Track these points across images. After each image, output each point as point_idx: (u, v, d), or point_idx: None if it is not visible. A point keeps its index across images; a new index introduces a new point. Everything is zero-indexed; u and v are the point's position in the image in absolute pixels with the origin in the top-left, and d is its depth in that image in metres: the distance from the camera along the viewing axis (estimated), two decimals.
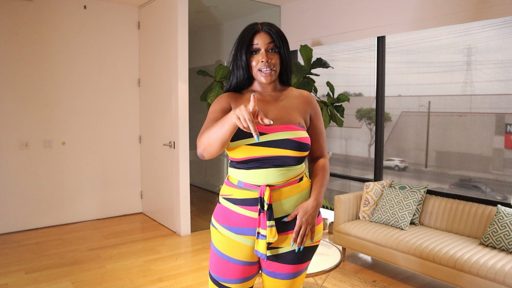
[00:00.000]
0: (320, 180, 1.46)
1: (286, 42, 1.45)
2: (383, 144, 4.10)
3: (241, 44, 1.42)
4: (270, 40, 1.40)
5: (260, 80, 1.43)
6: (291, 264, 1.41)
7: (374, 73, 4.09)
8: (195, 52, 6.39)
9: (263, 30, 1.42)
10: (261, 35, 1.41)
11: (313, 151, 1.53)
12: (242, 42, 1.42)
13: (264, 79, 1.41)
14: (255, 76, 1.44)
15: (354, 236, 3.42)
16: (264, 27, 1.42)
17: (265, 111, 1.42)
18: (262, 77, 1.41)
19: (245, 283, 1.44)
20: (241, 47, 1.42)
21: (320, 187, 1.44)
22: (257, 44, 1.40)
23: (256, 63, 1.41)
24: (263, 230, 1.34)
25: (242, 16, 5.46)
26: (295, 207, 1.39)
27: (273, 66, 1.40)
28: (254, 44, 1.40)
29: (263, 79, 1.41)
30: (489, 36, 3.56)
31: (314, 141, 1.52)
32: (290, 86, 1.55)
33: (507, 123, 3.52)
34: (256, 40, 1.40)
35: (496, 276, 2.50)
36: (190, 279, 3.22)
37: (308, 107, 1.50)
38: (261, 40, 1.40)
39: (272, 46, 1.41)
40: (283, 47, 1.42)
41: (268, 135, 1.36)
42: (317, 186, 1.44)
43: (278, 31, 1.43)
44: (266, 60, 1.39)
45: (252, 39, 1.41)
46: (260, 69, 1.41)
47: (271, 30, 1.41)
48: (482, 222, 3.07)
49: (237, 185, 1.41)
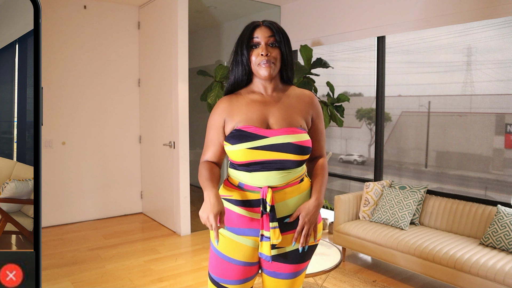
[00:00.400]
0: (321, 180, 1.46)
1: (287, 38, 1.43)
2: (383, 144, 4.10)
3: (242, 39, 1.42)
4: (270, 34, 1.39)
5: (259, 73, 1.40)
6: (292, 263, 1.41)
7: (374, 73, 4.09)
8: (195, 52, 6.39)
9: (263, 25, 1.41)
10: (261, 29, 1.40)
11: (313, 151, 1.52)
12: (242, 37, 1.42)
13: (264, 70, 1.38)
14: (255, 72, 1.42)
15: (354, 236, 3.42)
16: (265, 22, 1.42)
17: (266, 113, 1.40)
18: (261, 69, 1.38)
19: (245, 284, 1.44)
20: (241, 42, 1.41)
21: (320, 187, 1.44)
22: (257, 38, 1.39)
23: (256, 57, 1.39)
24: (267, 232, 1.33)
25: (242, 16, 5.46)
26: (297, 208, 1.39)
27: (273, 60, 1.38)
28: (254, 37, 1.39)
29: (263, 71, 1.38)
30: (489, 36, 3.56)
31: (315, 142, 1.50)
32: (292, 85, 1.52)
33: (507, 123, 3.51)
34: (256, 33, 1.39)
35: (496, 276, 2.50)
36: (190, 279, 3.22)
37: (310, 108, 1.47)
38: (261, 34, 1.39)
39: (272, 40, 1.39)
40: (283, 42, 1.41)
41: (269, 138, 1.35)
42: (318, 186, 1.44)
43: (279, 27, 1.42)
44: (266, 53, 1.37)
45: (252, 33, 1.40)
46: (259, 63, 1.39)
47: (271, 25, 1.40)
48: (482, 222, 3.07)
49: (237, 186, 1.41)
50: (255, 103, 1.42)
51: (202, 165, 1.46)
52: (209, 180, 1.39)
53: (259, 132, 1.36)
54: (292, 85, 1.52)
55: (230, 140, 1.37)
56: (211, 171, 1.43)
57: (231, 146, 1.36)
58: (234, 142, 1.36)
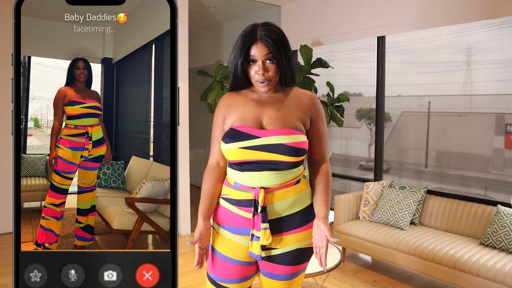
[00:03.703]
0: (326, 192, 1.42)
1: (284, 47, 1.38)
2: (383, 144, 4.10)
3: (239, 53, 1.39)
4: (267, 52, 1.36)
5: (258, 89, 1.42)
6: (287, 265, 1.41)
7: (374, 73, 4.09)
8: (195, 52, 6.39)
9: (260, 41, 1.36)
10: (258, 46, 1.36)
11: (313, 154, 1.49)
12: (239, 51, 1.39)
13: (262, 89, 1.40)
14: (253, 84, 1.43)
15: (354, 236, 3.42)
16: (262, 36, 1.36)
17: (261, 113, 1.40)
18: (259, 87, 1.40)
19: (242, 283, 1.43)
20: (239, 56, 1.39)
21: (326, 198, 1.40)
22: (254, 56, 1.37)
23: (253, 73, 1.38)
24: (257, 232, 1.33)
25: (242, 16, 5.46)
26: (292, 209, 1.38)
27: (270, 78, 1.38)
28: (251, 55, 1.37)
29: (261, 89, 1.40)
30: (489, 36, 3.56)
31: (314, 144, 1.47)
32: (295, 86, 1.50)
33: (507, 123, 3.52)
34: (253, 51, 1.37)
35: (496, 276, 2.50)
36: (190, 279, 3.22)
37: (308, 109, 1.44)
38: (257, 52, 1.36)
39: (269, 56, 1.36)
40: (281, 57, 1.37)
41: (261, 138, 1.34)
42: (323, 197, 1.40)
43: (275, 40, 1.36)
44: (263, 73, 1.36)
45: (249, 49, 1.37)
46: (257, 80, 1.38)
47: (267, 41, 1.35)
48: (482, 222, 3.07)
49: (233, 186, 1.41)
50: (251, 102, 1.43)
51: (206, 173, 1.46)
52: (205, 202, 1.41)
53: (252, 132, 1.36)
54: (295, 86, 1.50)
55: (224, 139, 1.38)
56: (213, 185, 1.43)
57: (225, 145, 1.37)
58: (228, 141, 1.36)
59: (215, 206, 1.44)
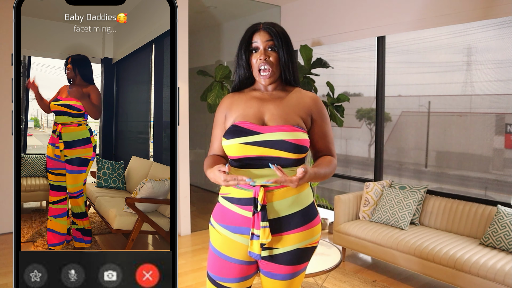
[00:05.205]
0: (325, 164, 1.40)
1: (286, 41, 1.43)
2: (383, 144, 4.10)
3: (241, 43, 1.45)
4: (268, 38, 1.41)
5: (259, 81, 1.45)
6: (287, 265, 1.41)
7: (374, 73, 4.09)
8: (195, 52, 6.39)
9: (262, 29, 1.43)
10: (260, 33, 1.43)
11: (319, 151, 1.49)
12: (242, 41, 1.45)
13: (263, 81, 1.43)
14: (255, 77, 1.45)
15: (354, 236, 3.42)
16: (264, 26, 1.43)
17: (263, 110, 1.42)
18: (261, 78, 1.43)
19: (243, 282, 1.43)
20: (241, 46, 1.45)
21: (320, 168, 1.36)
22: (256, 42, 1.42)
23: (255, 61, 1.42)
24: (257, 231, 1.33)
25: (242, 16, 5.47)
26: (292, 208, 1.38)
27: (271, 65, 1.41)
28: (253, 42, 1.43)
29: (262, 81, 1.43)
30: (489, 36, 3.56)
31: (318, 143, 1.48)
32: (298, 86, 1.51)
33: (507, 123, 3.52)
34: (255, 38, 1.43)
35: (496, 276, 2.50)
36: (190, 279, 3.22)
37: (310, 109, 1.46)
38: (259, 38, 1.42)
39: (271, 44, 1.41)
40: (282, 46, 1.42)
41: (263, 134, 1.36)
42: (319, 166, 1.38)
43: (278, 31, 1.43)
44: (264, 58, 1.40)
45: (251, 37, 1.43)
46: (259, 70, 1.42)
47: (270, 29, 1.42)
48: (482, 222, 3.07)
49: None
50: (253, 99, 1.45)
51: (206, 159, 1.48)
52: (212, 165, 1.39)
53: (253, 128, 1.37)
54: (298, 87, 1.52)
55: (226, 135, 1.40)
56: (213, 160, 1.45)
57: (226, 141, 1.38)
58: (229, 137, 1.37)
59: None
